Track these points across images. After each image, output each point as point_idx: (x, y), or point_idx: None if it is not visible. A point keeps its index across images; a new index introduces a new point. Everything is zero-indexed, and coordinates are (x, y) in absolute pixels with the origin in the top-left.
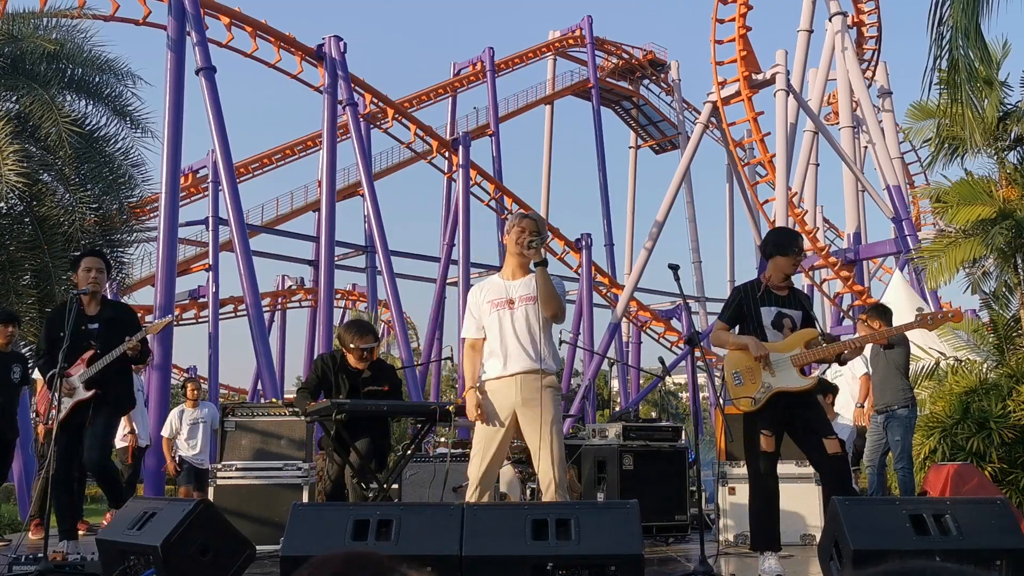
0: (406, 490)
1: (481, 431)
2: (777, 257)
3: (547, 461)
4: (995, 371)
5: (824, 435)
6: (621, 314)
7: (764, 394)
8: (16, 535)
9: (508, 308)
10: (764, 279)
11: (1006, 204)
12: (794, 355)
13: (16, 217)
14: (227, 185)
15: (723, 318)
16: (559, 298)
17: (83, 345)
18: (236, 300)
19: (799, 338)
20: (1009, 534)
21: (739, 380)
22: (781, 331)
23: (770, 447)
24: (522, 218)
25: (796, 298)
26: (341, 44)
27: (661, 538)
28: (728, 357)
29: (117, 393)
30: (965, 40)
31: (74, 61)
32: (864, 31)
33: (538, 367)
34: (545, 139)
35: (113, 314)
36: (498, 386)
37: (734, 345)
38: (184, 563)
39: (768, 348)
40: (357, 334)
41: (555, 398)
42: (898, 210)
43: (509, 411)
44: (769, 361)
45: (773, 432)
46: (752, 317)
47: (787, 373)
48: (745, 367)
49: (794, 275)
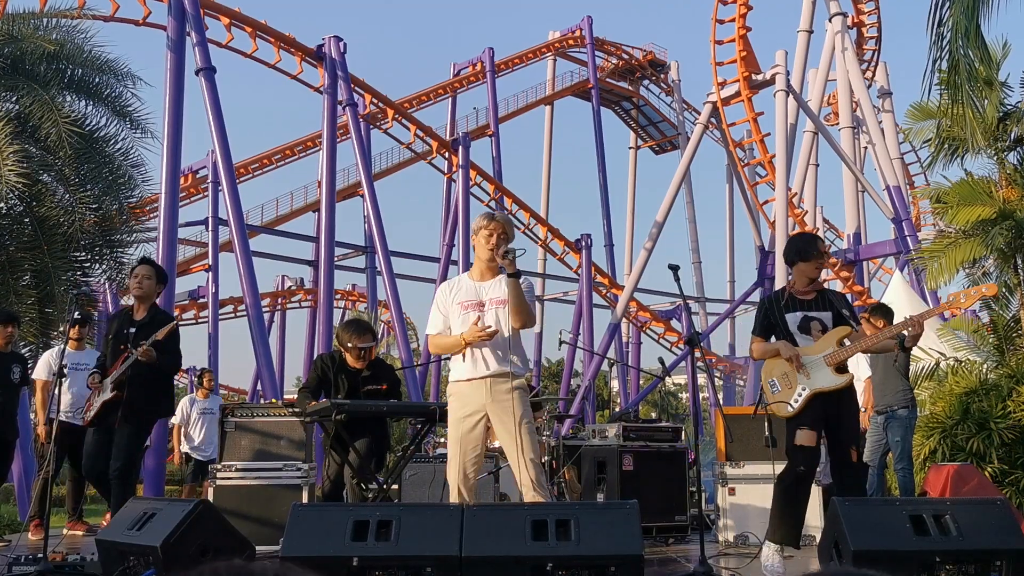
0: (406, 490)
1: (453, 434)
2: (799, 263)
3: (521, 462)
4: (995, 372)
5: (851, 444)
6: (621, 314)
7: (800, 397)
8: (16, 535)
9: (478, 310)
10: (789, 286)
11: (1006, 205)
12: (827, 354)
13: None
14: (227, 185)
15: (755, 332)
16: (529, 309)
17: (123, 347)
18: (236, 300)
19: (832, 337)
20: (1009, 535)
21: (775, 387)
22: (809, 334)
23: (810, 441)
24: (490, 220)
25: (825, 299)
26: (341, 44)
27: (661, 539)
28: (764, 366)
29: (140, 399)
30: (965, 40)
31: (74, 61)
32: (864, 31)
33: (507, 370)
34: (545, 139)
35: (149, 320)
36: (468, 388)
37: (767, 353)
38: (184, 563)
39: (800, 351)
40: (355, 333)
41: (523, 399)
42: (898, 210)
43: (480, 412)
44: (802, 363)
45: (814, 429)
46: (779, 325)
47: (822, 373)
48: (780, 373)
49: (819, 277)
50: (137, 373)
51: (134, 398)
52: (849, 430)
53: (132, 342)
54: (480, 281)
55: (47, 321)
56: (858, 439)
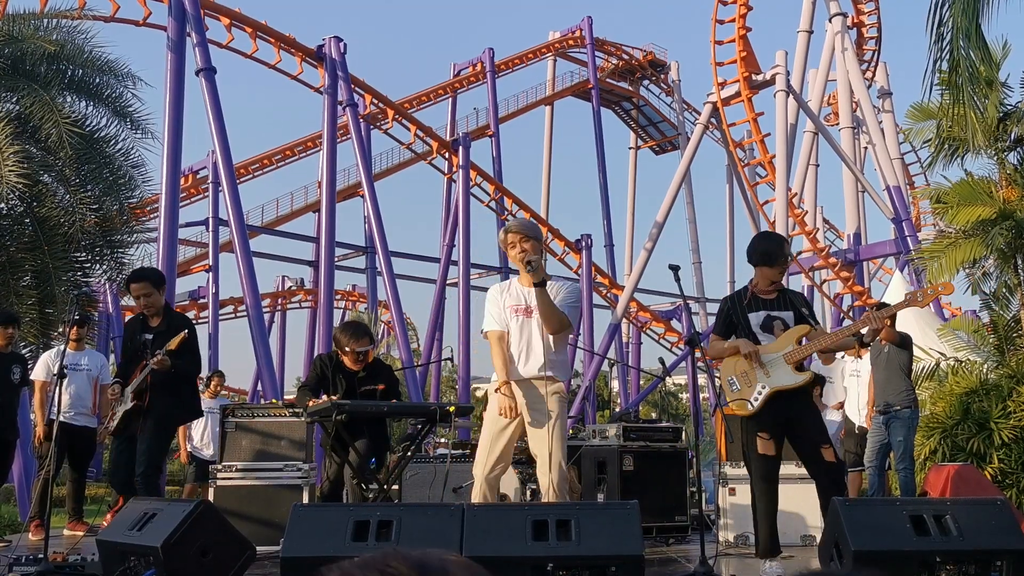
0: (406, 491)
1: (487, 430)
2: (763, 267)
3: (546, 465)
4: (995, 372)
5: (821, 443)
6: (621, 315)
7: (760, 395)
8: (16, 536)
9: (527, 316)
10: (751, 286)
11: (1006, 205)
12: (787, 352)
13: (16, 218)
14: (227, 186)
15: (716, 331)
16: (558, 315)
17: (140, 355)
18: (236, 301)
19: (791, 335)
20: (1009, 535)
21: (735, 385)
22: (772, 333)
23: (769, 451)
24: (505, 233)
25: (787, 299)
26: (341, 45)
27: (661, 539)
28: (723, 364)
29: (161, 406)
30: (966, 41)
31: (74, 62)
32: (864, 32)
33: (547, 374)
34: (545, 140)
35: (165, 327)
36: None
37: (726, 351)
38: (184, 564)
39: (759, 349)
40: (353, 337)
41: (561, 404)
42: (898, 211)
43: (516, 413)
44: (761, 360)
45: (772, 436)
46: (741, 324)
47: (781, 371)
48: (740, 372)
49: (781, 279)
50: (157, 380)
51: (156, 404)
52: (814, 427)
53: (149, 349)
54: (527, 288)
55: (47, 322)
56: (827, 437)
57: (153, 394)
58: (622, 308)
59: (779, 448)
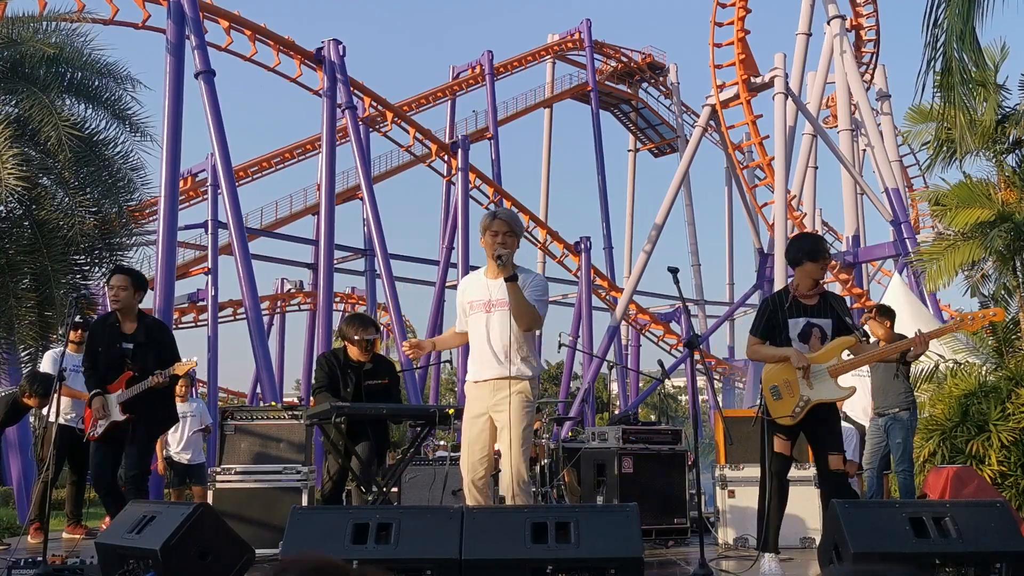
0: (406, 493)
1: (465, 433)
2: (806, 263)
3: (506, 465)
4: (994, 374)
5: (830, 450)
6: (620, 317)
7: (803, 407)
8: (15, 539)
9: (485, 311)
10: (792, 288)
11: (1005, 207)
12: (831, 366)
13: (15, 221)
14: (226, 188)
15: (755, 333)
16: (531, 311)
17: (119, 363)
18: (235, 303)
19: (836, 347)
20: (1008, 537)
21: (777, 395)
22: (808, 342)
23: (785, 450)
24: (492, 219)
25: (827, 305)
26: (340, 48)
27: (661, 541)
28: (766, 371)
29: (153, 414)
30: (960, 43)
31: (73, 65)
32: (863, 34)
33: (508, 374)
34: (544, 142)
35: (145, 338)
36: (475, 390)
37: (774, 358)
38: (183, 567)
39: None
40: (360, 326)
41: (521, 403)
42: (897, 213)
43: (486, 414)
44: (809, 372)
45: (789, 437)
46: (781, 329)
47: (825, 384)
48: (783, 380)
49: (823, 276)
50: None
51: (144, 415)
52: (831, 434)
53: (132, 359)
54: (491, 279)
55: (47, 324)
56: (838, 445)
57: (141, 406)
58: (621, 310)
59: (793, 449)
